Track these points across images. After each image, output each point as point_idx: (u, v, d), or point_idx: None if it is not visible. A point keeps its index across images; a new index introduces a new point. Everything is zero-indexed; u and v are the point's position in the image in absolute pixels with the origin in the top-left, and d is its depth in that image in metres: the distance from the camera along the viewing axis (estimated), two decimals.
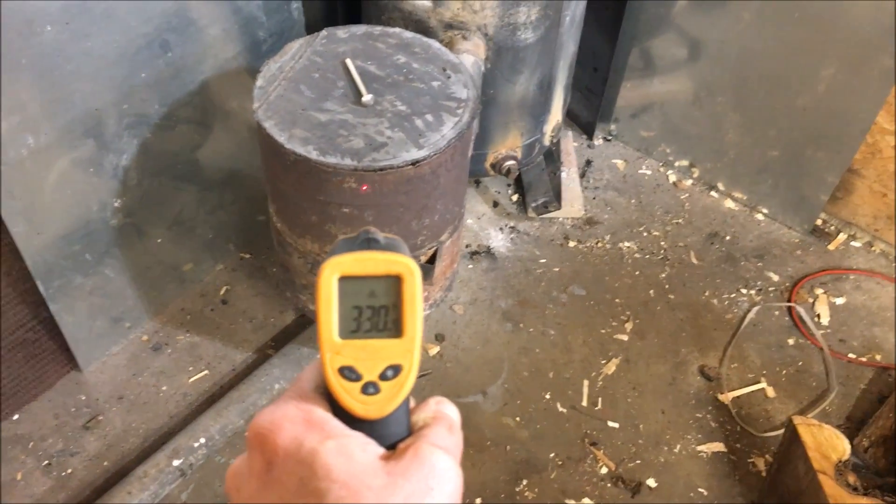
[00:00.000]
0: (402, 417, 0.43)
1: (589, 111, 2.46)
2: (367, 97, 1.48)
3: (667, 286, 2.13)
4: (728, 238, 2.26)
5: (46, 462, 1.73)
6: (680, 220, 2.29)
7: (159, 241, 1.88)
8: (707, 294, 2.12)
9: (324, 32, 1.62)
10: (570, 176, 2.33)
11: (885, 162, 2.09)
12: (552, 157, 2.28)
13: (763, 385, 1.94)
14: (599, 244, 2.22)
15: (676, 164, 2.42)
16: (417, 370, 0.43)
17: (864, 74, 1.91)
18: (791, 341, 2.03)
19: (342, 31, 1.63)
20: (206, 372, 1.89)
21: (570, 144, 2.41)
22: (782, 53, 2.02)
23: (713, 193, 2.37)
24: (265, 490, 0.40)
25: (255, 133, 1.51)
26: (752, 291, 2.13)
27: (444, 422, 0.44)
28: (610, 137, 2.50)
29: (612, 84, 2.38)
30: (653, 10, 2.17)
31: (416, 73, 1.55)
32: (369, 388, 0.42)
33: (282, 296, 1.97)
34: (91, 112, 1.56)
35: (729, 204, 2.34)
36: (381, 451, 0.41)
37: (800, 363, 1.99)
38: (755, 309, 2.08)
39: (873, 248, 2.23)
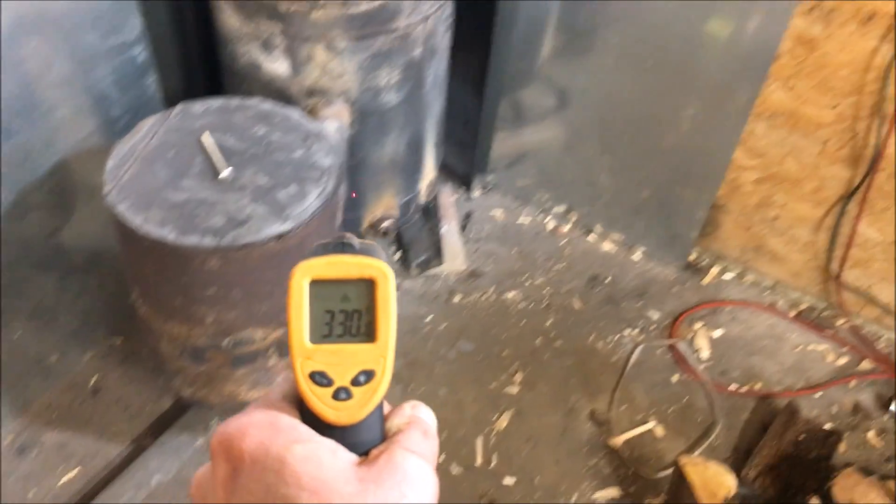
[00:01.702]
0: (375, 424, 0.42)
1: (464, 164, 2.48)
2: (225, 173, 1.44)
3: (553, 333, 2.14)
4: (608, 280, 2.30)
5: None
6: (561, 266, 2.32)
7: (18, 334, 1.76)
8: (592, 338, 2.14)
9: (178, 108, 1.57)
10: (450, 230, 2.33)
11: (746, 196, 2.18)
12: (430, 212, 2.27)
13: (652, 425, 1.96)
14: (484, 296, 2.22)
15: (554, 210, 2.46)
16: (391, 376, 0.42)
17: (722, 111, 1.99)
18: (675, 378, 2.07)
19: (198, 106, 1.58)
20: (78, 469, 1.77)
21: (448, 198, 2.42)
22: (644, 97, 2.08)
23: (591, 237, 2.41)
24: (231, 498, 0.38)
25: None
26: (635, 331, 2.16)
27: (418, 426, 0.43)
28: (488, 188, 2.53)
29: (484, 136, 2.40)
30: (517, 63, 2.22)
31: (277, 144, 1.52)
32: (341, 394, 0.41)
33: (158, 380, 1.87)
34: None
35: (607, 246, 2.39)
36: (352, 456, 0.39)
37: (685, 399, 2.02)
38: (639, 349, 2.11)
39: (745, 279, 2.32)
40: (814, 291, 2.25)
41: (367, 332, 0.42)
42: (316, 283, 0.41)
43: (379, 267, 0.42)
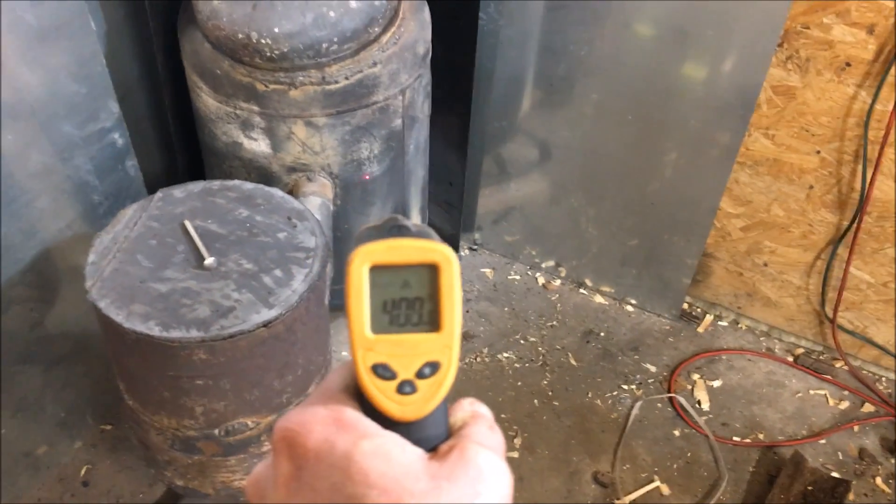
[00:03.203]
0: (440, 418, 0.40)
1: (451, 224, 2.46)
2: (209, 260, 1.41)
3: (550, 393, 2.11)
4: (602, 334, 2.27)
5: None
6: (554, 323, 2.30)
7: (3, 431, 1.71)
8: (590, 395, 2.11)
9: (159, 194, 1.55)
10: None
11: (734, 244, 2.17)
12: None
13: (657, 483, 1.93)
14: (478, 358, 2.19)
15: (543, 265, 2.44)
16: (457, 367, 0.40)
17: (705, 160, 1.98)
18: (677, 432, 2.04)
19: (178, 191, 1.57)
20: None
21: None
22: (626, 147, 2.07)
23: (582, 291, 2.39)
24: (294, 497, 0.37)
25: None
26: (633, 386, 2.14)
27: (483, 420, 0.41)
28: (475, 247, 2.51)
29: (469, 195, 2.40)
30: (497, 121, 2.22)
31: (261, 227, 1.50)
32: (405, 387, 0.39)
33: (149, 468, 1.83)
34: None
35: (599, 299, 2.37)
36: (421, 452, 0.37)
37: (688, 454, 1.99)
38: (638, 404, 2.08)
39: (739, 326, 2.30)
40: (809, 335, 2.23)
41: (431, 321, 0.39)
42: (376, 270, 0.39)
43: (442, 251, 0.39)
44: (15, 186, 1.55)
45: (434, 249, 0.39)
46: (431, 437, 0.39)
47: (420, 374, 0.39)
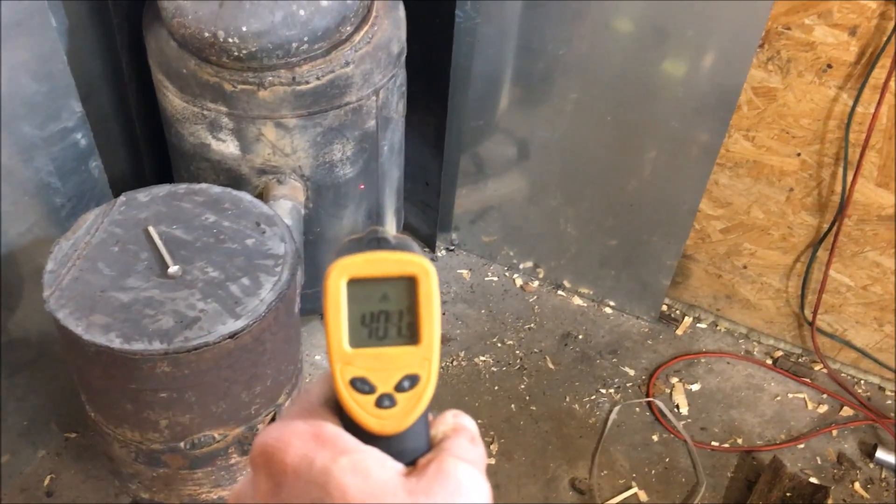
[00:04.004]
0: (421, 431, 0.40)
1: (427, 224, 2.42)
2: (173, 268, 1.36)
3: (527, 397, 2.08)
4: (581, 337, 2.24)
5: None
6: (532, 325, 2.26)
7: None
8: (568, 400, 2.08)
9: (122, 198, 1.50)
10: None
11: (714, 245, 2.15)
12: None
13: (635, 489, 1.90)
14: (455, 362, 2.16)
15: (521, 266, 2.41)
16: (437, 380, 0.40)
17: (684, 155, 1.95)
18: (655, 437, 2.01)
19: (142, 195, 1.51)
20: None
21: None
22: (606, 146, 2.03)
23: (560, 292, 2.36)
24: None
25: None
26: (611, 390, 2.11)
27: (464, 433, 0.40)
28: (452, 247, 2.47)
29: (446, 195, 2.35)
30: (474, 120, 2.18)
31: (228, 233, 1.45)
32: (384, 401, 0.39)
33: (114, 478, 1.78)
34: None
35: (577, 301, 2.34)
36: (400, 467, 0.37)
37: (667, 459, 1.97)
38: (616, 409, 2.06)
39: (718, 328, 2.28)
40: (788, 338, 2.21)
41: (410, 334, 0.39)
42: (354, 283, 0.39)
43: (420, 263, 0.39)
44: None
45: (412, 262, 0.39)
46: (412, 450, 0.39)
47: (399, 388, 0.39)
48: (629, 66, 1.87)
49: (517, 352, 2.19)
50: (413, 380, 0.39)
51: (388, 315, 0.39)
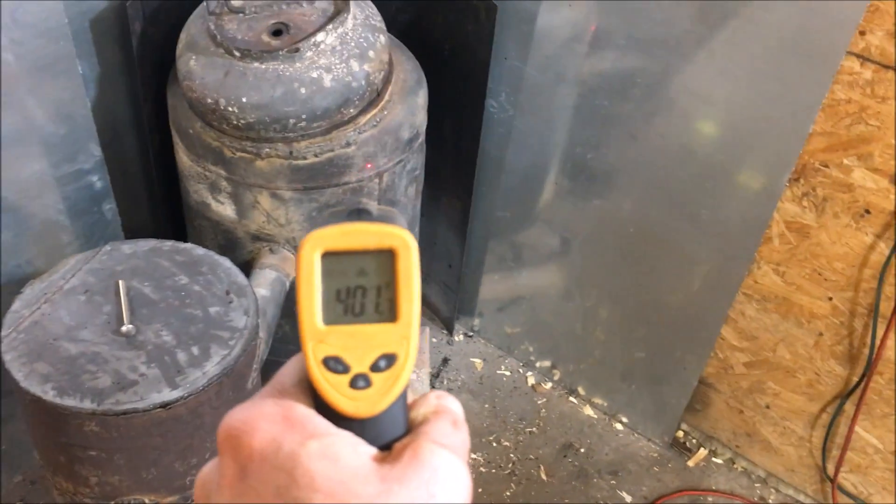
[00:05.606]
0: (398, 414, 0.37)
1: (447, 306, 2.37)
2: (126, 327, 1.36)
3: None
4: (583, 450, 2.12)
5: None
6: (534, 429, 2.16)
7: None
8: None
9: (106, 247, 1.52)
10: (419, 378, 2.20)
11: (737, 378, 2.00)
12: None
13: None
14: None
15: (538, 364, 2.31)
16: (415, 360, 0.37)
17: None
18: None
19: (127, 246, 1.53)
20: None
21: (426, 342, 2.31)
22: (658, 246, 1.91)
23: (572, 398, 2.25)
24: (238, 500, 0.34)
25: None
26: None
27: (446, 416, 0.38)
28: (472, 333, 2.40)
29: (470, 280, 2.30)
30: (505, 209, 2.12)
31: (195, 297, 1.44)
32: (359, 382, 0.36)
33: None
34: None
35: (588, 411, 2.22)
36: (373, 452, 0.35)
37: None
38: None
39: (735, 466, 2.11)
40: (809, 491, 2.02)
41: (388, 311, 0.37)
42: (329, 256, 0.36)
43: (400, 235, 0.36)
44: None
45: (391, 234, 0.36)
46: (388, 434, 0.36)
47: (375, 368, 0.37)
48: (693, 171, 1.75)
49: (511, 455, 2.09)
50: (390, 359, 0.37)
51: (364, 290, 0.37)
